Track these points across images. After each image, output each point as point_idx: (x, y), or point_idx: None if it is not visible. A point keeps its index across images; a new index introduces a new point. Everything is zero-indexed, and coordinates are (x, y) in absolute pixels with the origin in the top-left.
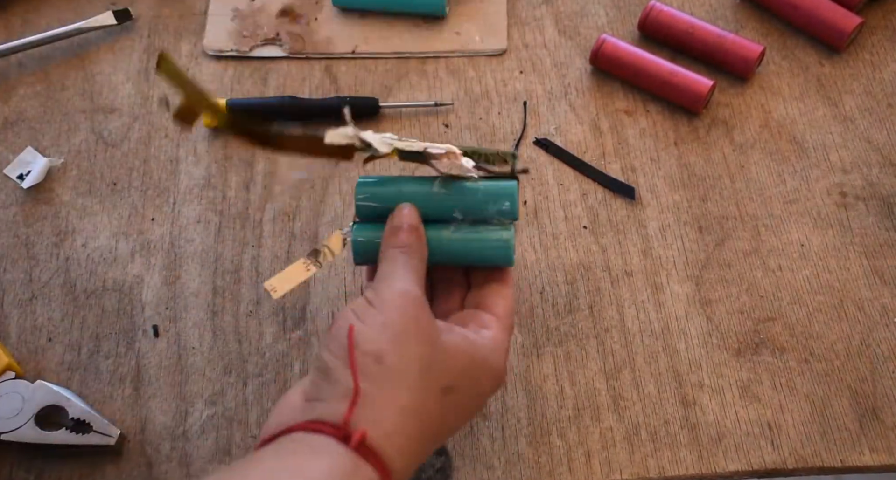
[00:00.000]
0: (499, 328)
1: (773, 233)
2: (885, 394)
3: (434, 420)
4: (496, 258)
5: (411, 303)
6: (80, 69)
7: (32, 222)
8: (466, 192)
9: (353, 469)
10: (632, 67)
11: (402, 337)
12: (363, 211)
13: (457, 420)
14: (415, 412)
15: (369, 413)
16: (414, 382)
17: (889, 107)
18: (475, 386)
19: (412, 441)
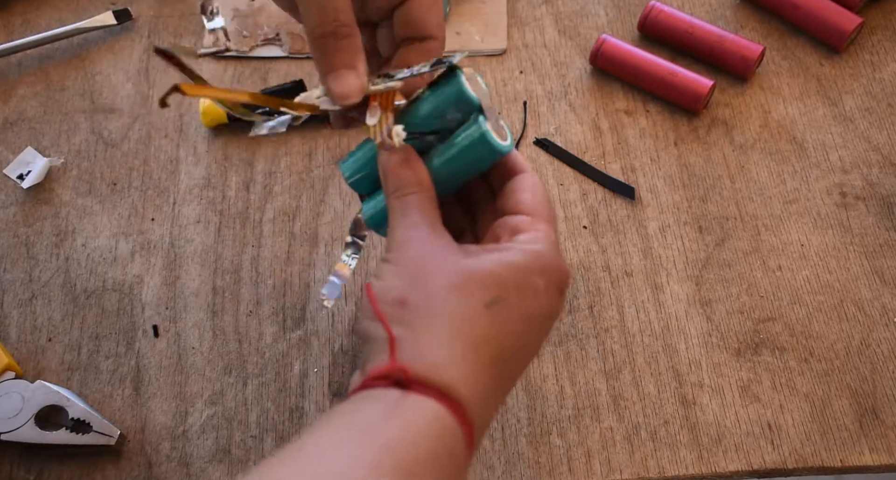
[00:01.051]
0: (531, 223)
1: (773, 233)
2: (885, 394)
3: (490, 339)
4: (483, 155)
5: (420, 244)
6: (80, 69)
7: (32, 222)
8: (422, 117)
9: (406, 405)
10: (632, 67)
11: (419, 277)
12: (359, 186)
13: (523, 329)
14: (458, 335)
15: (409, 351)
16: (445, 309)
17: (889, 107)
18: (526, 290)
19: (471, 365)
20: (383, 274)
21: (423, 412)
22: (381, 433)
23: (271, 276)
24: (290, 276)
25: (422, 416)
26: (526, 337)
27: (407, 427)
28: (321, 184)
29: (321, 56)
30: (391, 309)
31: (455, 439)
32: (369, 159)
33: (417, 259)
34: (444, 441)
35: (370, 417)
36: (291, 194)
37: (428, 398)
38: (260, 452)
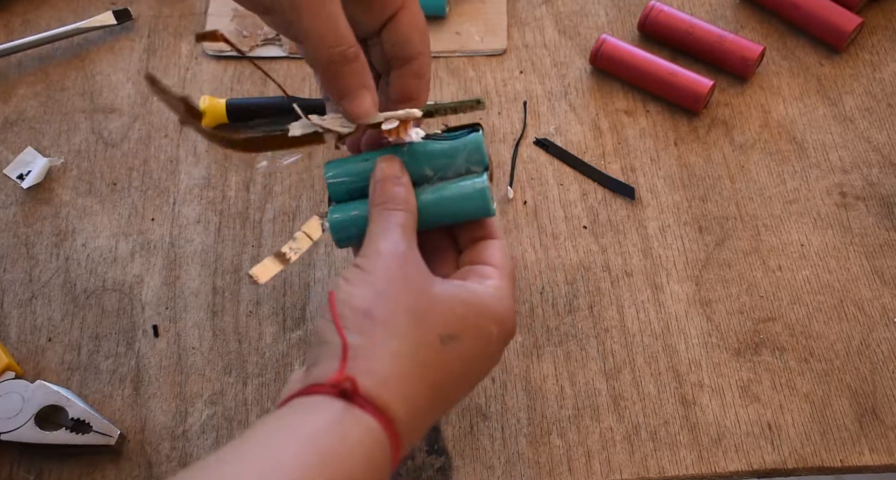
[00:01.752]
0: (499, 275)
1: (773, 233)
2: (885, 394)
3: (437, 369)
4: (474, 208)
5: (397, 260)
6: (80, 69)
7: (32, 222)
8: (433, 152)
9: (347, 419)
10: (632, 67)
11: (390, 292)
12: (336, 190)
13: (466, 369)
14: (410, 358)
15: (362, 363)
16: (405, 330)
17: (889, 107)
18: (480, 334)
19: (413, 389)
20: (353, 279)
21: (361, 427)
22: (318, 444)
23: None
24: (289, 276)
25: (358, 431)
26: (468, 375)
27: (344, 440)
28: (321, 184)
29: (333, 81)
30: (353, 316)
31: (383, 454)
32: (360, 171)
33: (390, 274)
34: (374, 456)
35: (310, 427)
36: (291, 194)
37: (367, 414)
38: None
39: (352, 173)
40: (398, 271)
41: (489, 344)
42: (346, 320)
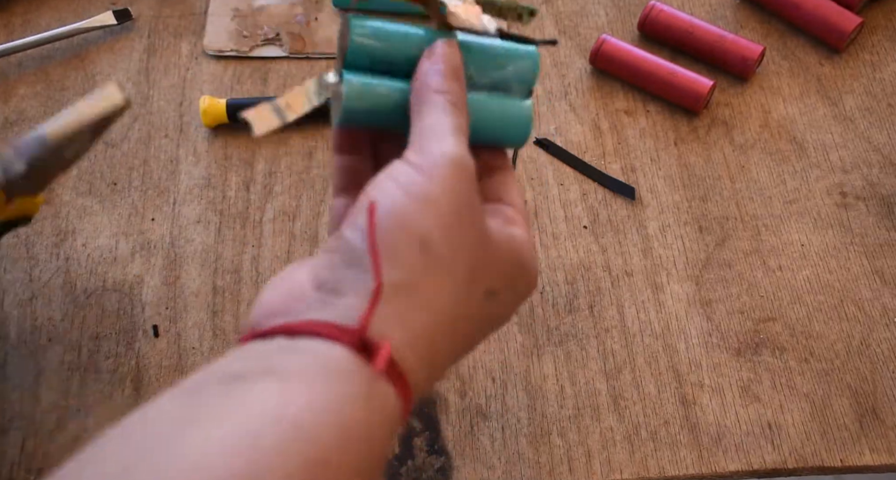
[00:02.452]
0: (522, 221)
1: (773, 233)
2: (885, 394)
3: (469, 325)
4: (514, 134)
5: (466, 176)
6: (80, 69)
7: (32, 222)
8: (483, 48)
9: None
10: (632, 67)
11: (455, 221)
12: (358, 53)
13: (489, 328)
14: (451, 314)
15: (397, 311)
16: (462, 279)
17: (889, 107)
18: (516, 289)
19: (439, 348)
20: (411, 187)
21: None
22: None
23: (272, 276)
24: None
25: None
26: (488, 331)
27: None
28: (321, 184)
29: None
30: (406, 245)
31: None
32: (400, 39)
33: (458, 195)
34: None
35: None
36: (291, 194)
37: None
38: None
39: (388, 39)
40: (465, 193)
41: (516, 302)
42: (396, 246)
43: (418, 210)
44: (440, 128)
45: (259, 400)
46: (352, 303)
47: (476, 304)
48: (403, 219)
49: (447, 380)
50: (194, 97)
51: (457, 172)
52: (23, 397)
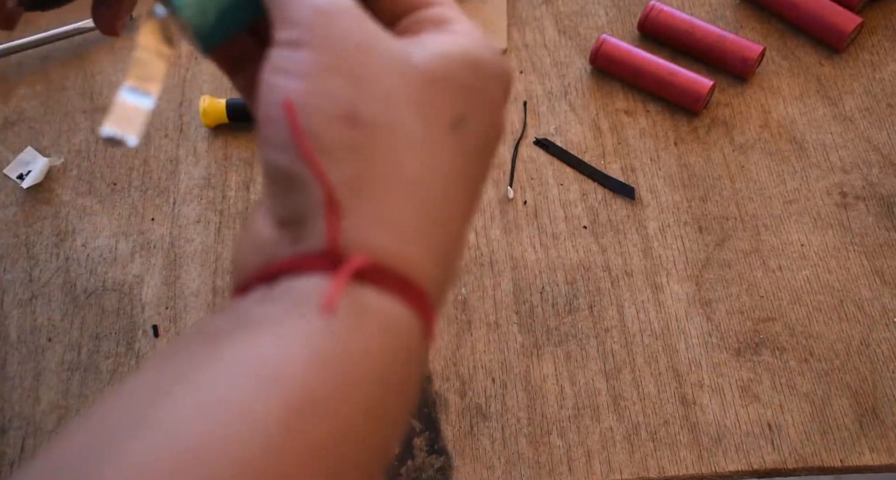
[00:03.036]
0: (457, 18)
1: (773, 233)
2: (885, 394)
3: (457, 173)
4: None
5: (348, 18)
6: (80, 69)
7: (32, 222)
8: None
9: (355, 317)
10: (632, 67)
11: (365, 71)
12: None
13: (483, 156)
14: (429, 174)
15: (366, 210)
16: (412, 129)
17: (889, 107)
18: (486, 98)
19: (439, 220)
20: (301, 67)
21: (378, 318)
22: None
23: None
24: None
25: (381, 322)
26: (485, 166)
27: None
28: None
29: None
30: (331, 130)
31: (413, 341)
32: None
33: (358, 43)
34: (406, 353)
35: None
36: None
37: (388, 294)
38: None
39: None
40: (366, 29)
41: (497, 109)
42: (322, 141)
43: (320, 87)
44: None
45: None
46: (319, 227)
47: (449, 144)
48: (310, 107)
49: (447, 380)
50: (194, 97)
51: (336, 20)
52: (23, 397)
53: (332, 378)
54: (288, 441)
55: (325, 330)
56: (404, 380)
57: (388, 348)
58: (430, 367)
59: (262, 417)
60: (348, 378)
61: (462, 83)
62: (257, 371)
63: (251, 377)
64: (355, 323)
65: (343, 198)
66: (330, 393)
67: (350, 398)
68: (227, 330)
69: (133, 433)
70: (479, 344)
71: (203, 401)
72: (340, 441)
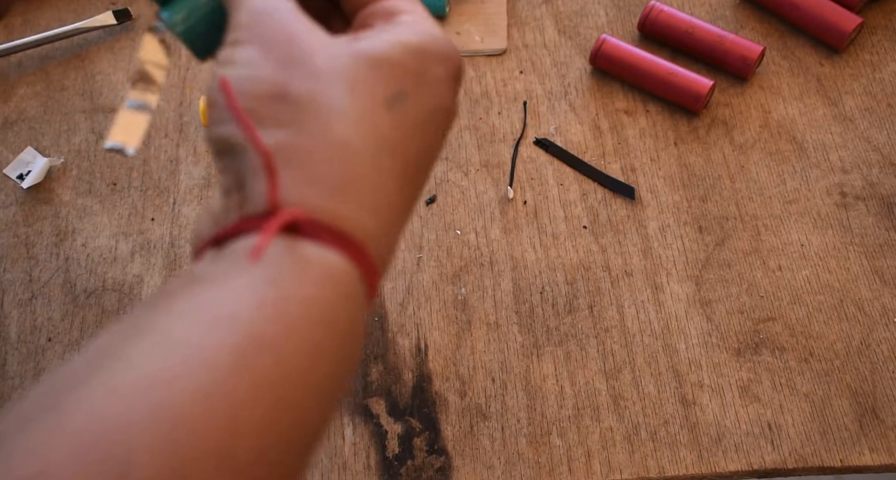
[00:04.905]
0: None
1: (773, 233)
2: (885, 394)
3: (395, 145)
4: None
5: (283, 16)
6: (80, 69)
7: (32, 222)
8: None
9: (291, 269)
10: (632, 67)
11: (296, 58)
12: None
13: (427, 132)
14: (361, 141)
15: (298, 171)
16: (341, 102)
17: (889, 107)
18: (428, 79)
19: (376, 182)
20: (239, 59)
21: (317, 270)
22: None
23: None
24: None
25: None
26: (429, 139)
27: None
28: None
29: None
30: (265, 108)
31: (355, 295)
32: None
33: (288, 36)
34: (347, 301)
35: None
36: None
37: (327, 246)
38: None
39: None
40: (295, 30)
41: (441, 89)
42: (255, 113)
43: (253, 73)
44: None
45: (183, 306)
46: (259, 190)
47: (383, 117)
48: (245, 90)
49: (447, 380)
50: (194, 97)
51: (269, 19)
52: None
53: (276, 320)
54: (237, 376)
55: (267, 278)
56: (347, 326)
57: (329, 295)
58: (377, 321)
59: (214, 354)
60: (291, 320)
61: (401, 65)
62: (208, 316)
63: (203, 322)
64: (296, 272)
65: (279, 162)
66: (274, 334)
67: (293, 338)
68: (180, 287)
69: (99, 368)
70: (479, 344)
71: (162, 342)
72: (284, 376)
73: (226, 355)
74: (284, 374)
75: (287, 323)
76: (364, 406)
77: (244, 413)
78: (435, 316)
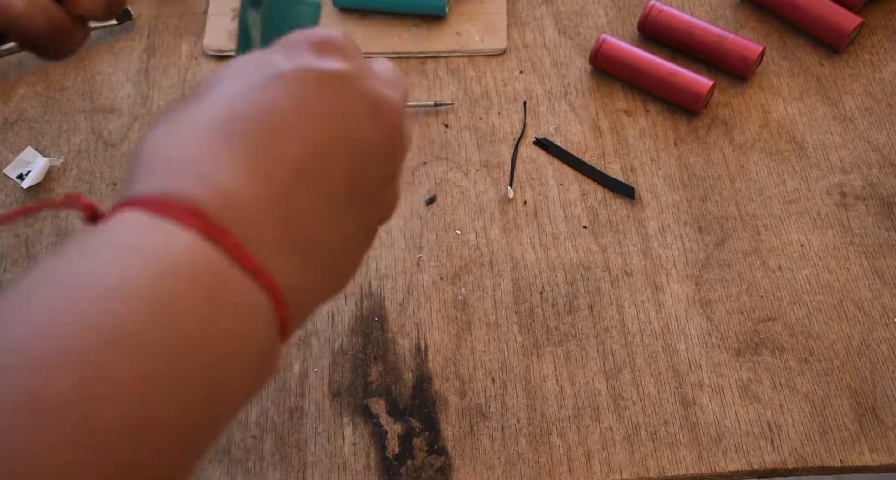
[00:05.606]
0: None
1: (773, 233)
2: (885, 394)
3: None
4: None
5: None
6: (80, 69)
7: (32, 222)
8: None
9: (146, 240)
10: (632, 67)
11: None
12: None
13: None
14: (226, 123)
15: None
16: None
17: (889, 107)
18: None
19: (216, 165)
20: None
21: (176, 249)
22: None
23: None
24: None
25: (164, 248)
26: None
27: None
28: None
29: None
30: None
31: (209, 277)
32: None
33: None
34: (191, 292)
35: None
36: None
37: (181, 225)
38: (259, 452)
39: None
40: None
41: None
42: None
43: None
44: None
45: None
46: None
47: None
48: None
49: (447, 380)
50: None
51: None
52: None
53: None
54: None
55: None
56: (193, 317)
57: (185, 274)
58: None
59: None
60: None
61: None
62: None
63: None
64: (135, 233)
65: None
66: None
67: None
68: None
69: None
70: (479, 344)
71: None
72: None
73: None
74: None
75: (129, 259)
76: (364, 406)
77: None
78: (435, 316)
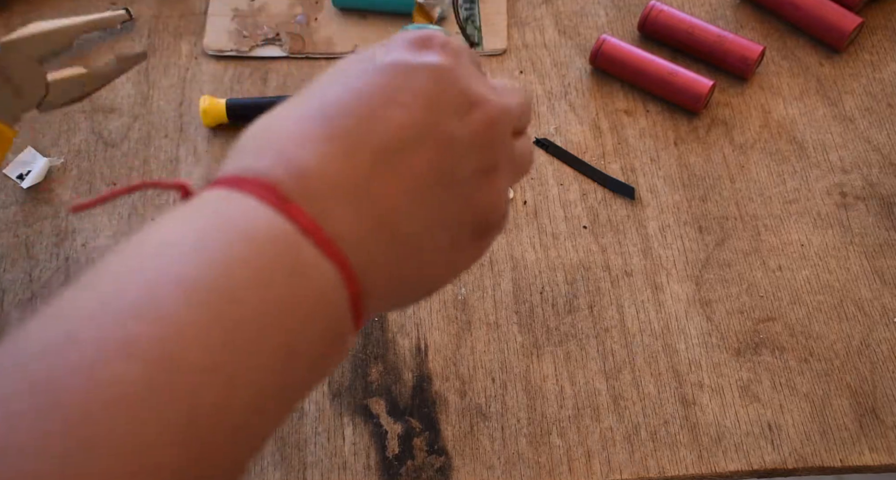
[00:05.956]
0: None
1: (773, 233)
2: (885, 394)
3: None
4: None
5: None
6: None
7: (32, 222)
8: None
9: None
10: (632, 67)
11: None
12: None
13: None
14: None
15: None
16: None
17: (889, 107)
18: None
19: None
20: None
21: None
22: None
23: None
24: None
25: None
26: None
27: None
28: None
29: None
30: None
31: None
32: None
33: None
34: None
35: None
36: None
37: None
38: (259, 452)
39: None
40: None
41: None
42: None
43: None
44: None
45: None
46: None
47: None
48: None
49: (447, 380)
50: (194, 97)
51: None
52: None
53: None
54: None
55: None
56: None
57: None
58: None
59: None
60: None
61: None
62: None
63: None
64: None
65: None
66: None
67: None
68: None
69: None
70: (478, 344)
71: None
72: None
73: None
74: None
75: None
76: (364, 406)
77: None
78: (435, 315)
